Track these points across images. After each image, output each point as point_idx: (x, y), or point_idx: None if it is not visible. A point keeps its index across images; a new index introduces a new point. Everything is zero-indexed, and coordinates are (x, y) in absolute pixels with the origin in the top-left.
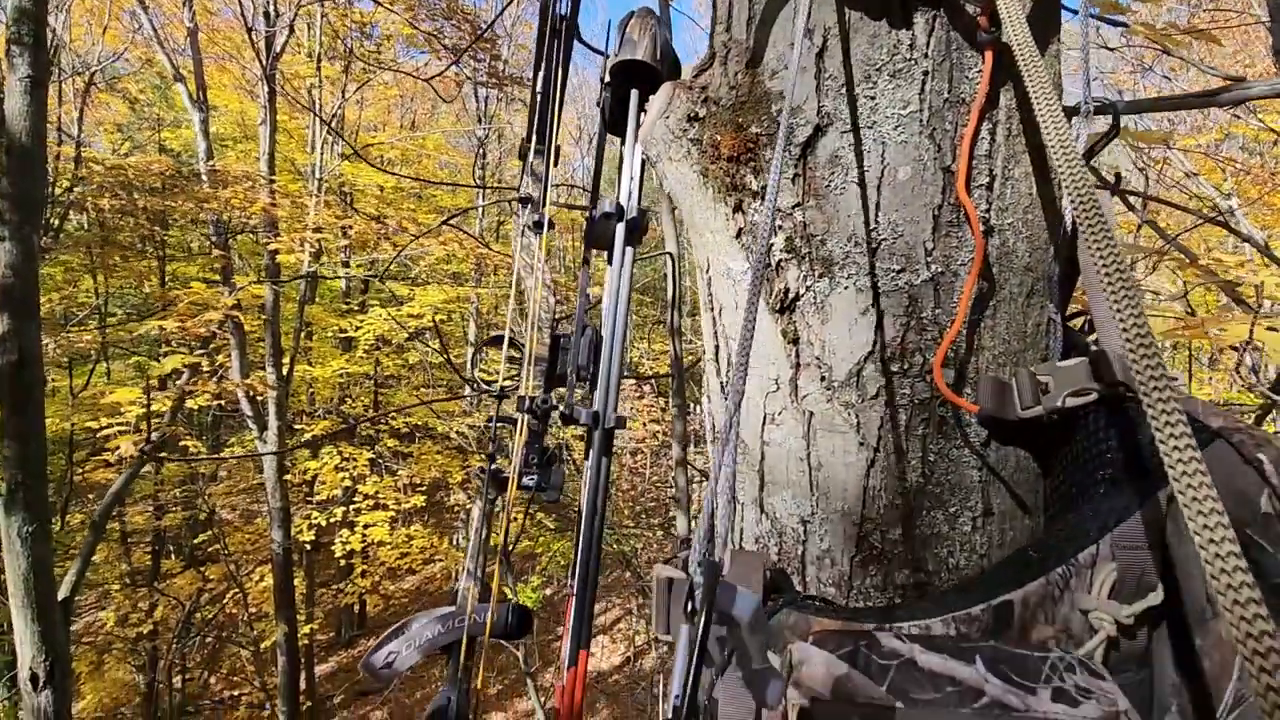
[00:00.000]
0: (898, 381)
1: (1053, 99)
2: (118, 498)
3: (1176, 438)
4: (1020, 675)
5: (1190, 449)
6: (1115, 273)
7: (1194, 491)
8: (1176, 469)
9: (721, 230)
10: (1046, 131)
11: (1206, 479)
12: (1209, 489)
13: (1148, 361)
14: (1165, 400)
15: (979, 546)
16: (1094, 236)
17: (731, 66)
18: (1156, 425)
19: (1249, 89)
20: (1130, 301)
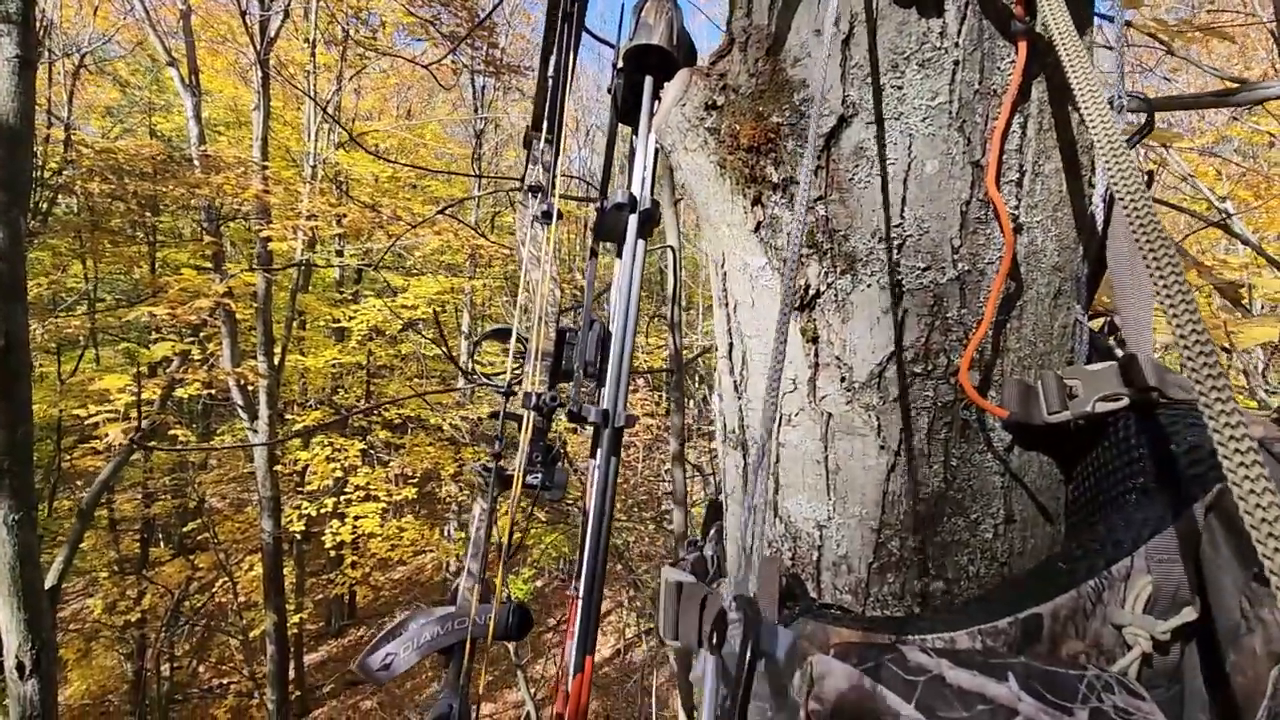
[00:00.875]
0: (920, 383)
1: (1097, 89)
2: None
3: (1241, 449)
4: (1055, 694)
5: (1256, 462)
6: (1168, 272)
7: (1262, 511)
8: (1243, 485)
9: (739, 224)
10: (1091, 121)
11: (1276, 496)
12: (1276, 500)
13: (1206, 365)
14: (1227, 407)
15: (1000, 554)
16: (1145, 231)
17: (752, 53)
18: (1218, 434)
19: (1264, 90)
20: (1185, 302)
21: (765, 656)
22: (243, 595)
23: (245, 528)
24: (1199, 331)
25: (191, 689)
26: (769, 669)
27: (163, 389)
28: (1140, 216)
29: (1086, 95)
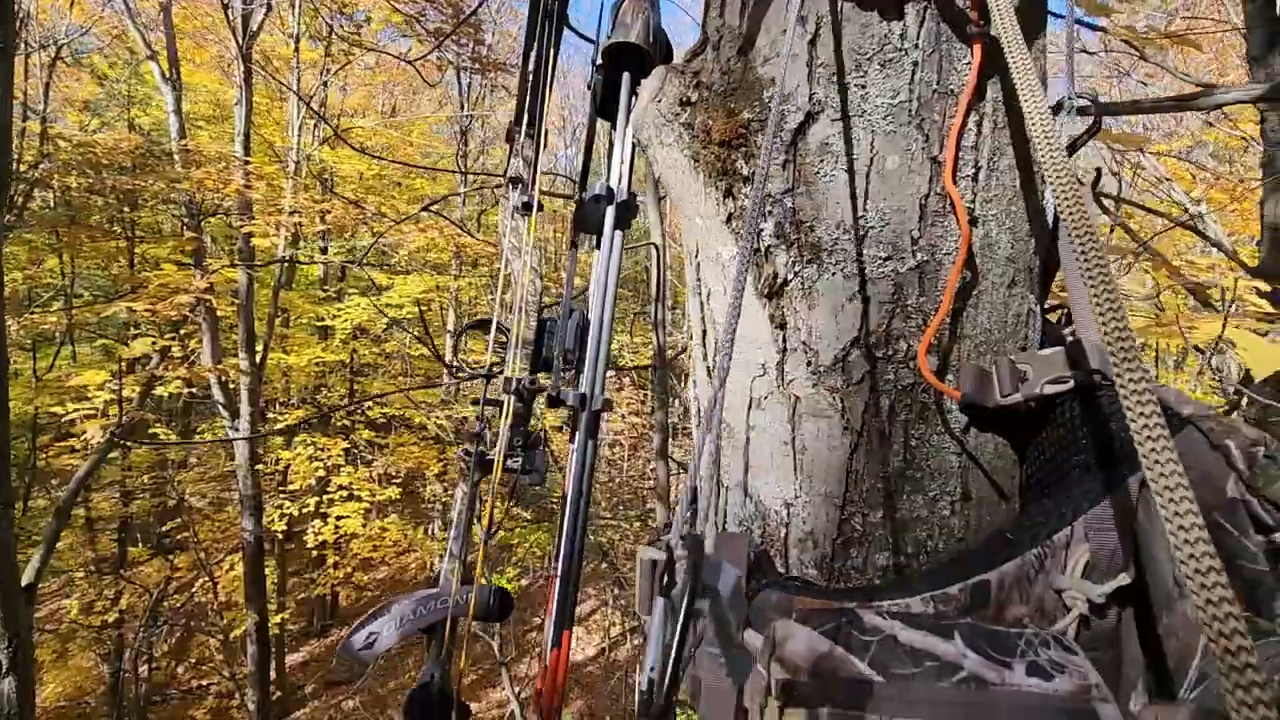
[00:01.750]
0: (882, 367)
1: (1038, 92)
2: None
3: (1150, 425)
4: (996, 650)
5: (1162, 436)
6: (1095, 264)
7: (1165, 479)
8: (1149, 456)
9: (712, 215)
10: (1031, 124)
11: (1178, 466)
12: (1180, 476)
13: (1124, 350)
14: (1140, 387)
15: (957, 530)
16: (1076, 228)
17: (724, 52)
18: (1130, 411)
19: (1223, 94)
20: (1108, 292)
21: (710, 593)
22: (223, 595)
23: (225, 527)
24: (1119, 319)
25: (170, 690)
26: (714, 611)
27: (142, 386)
28: (1072, 211)
29: (1028, 97)
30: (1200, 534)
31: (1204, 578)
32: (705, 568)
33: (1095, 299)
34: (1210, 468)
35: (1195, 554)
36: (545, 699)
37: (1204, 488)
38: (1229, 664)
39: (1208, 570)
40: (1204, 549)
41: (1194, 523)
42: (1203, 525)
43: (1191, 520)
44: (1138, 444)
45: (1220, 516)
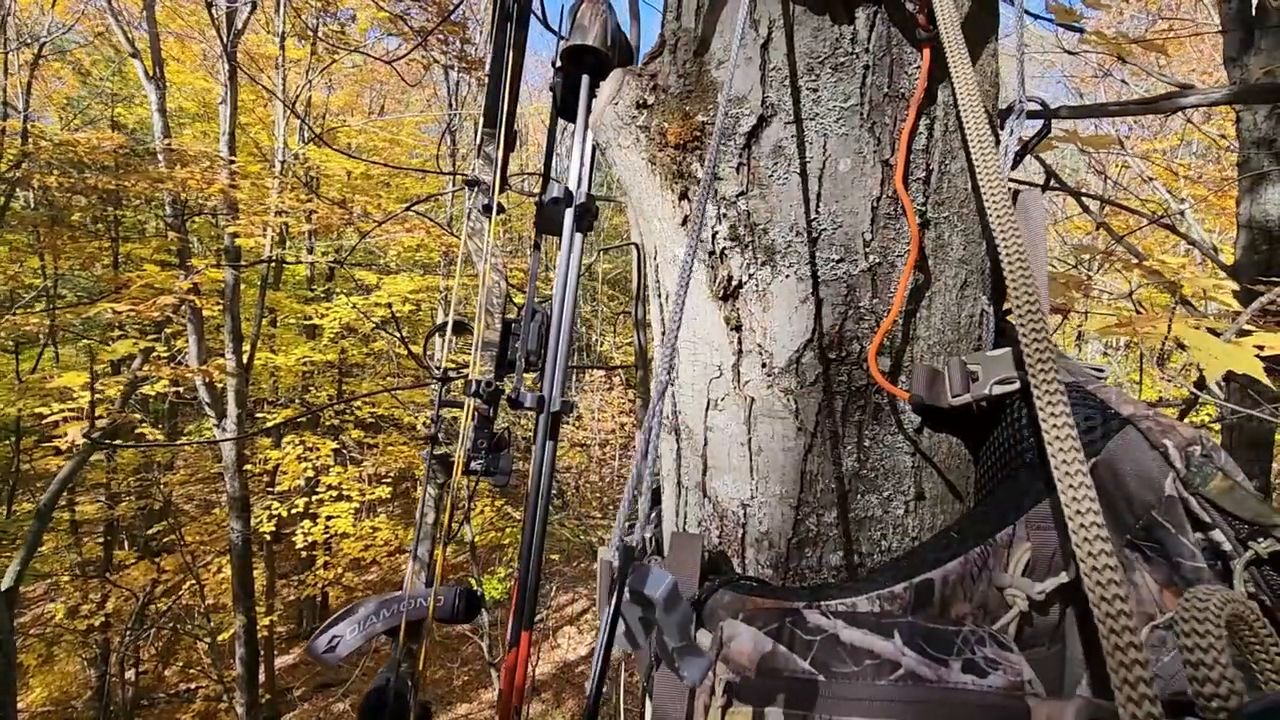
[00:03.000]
0: (835, 369)
1: (975, 97)
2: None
3: (1059, 425)
4: (934, 648)
5: (1071, 438)
6: (1019, 269)
7: (1068, 470)
8: (1057, 458)
9: (669, 217)
10: (967, 127)
11: (1083, 466)
12: (1084, 476)
13: (1040, 354)
14: (1053, 389)
15: (911, 530)
16: (1003, 231)
17: (680, 55)
18: (1042, 413)
19: (1185, 97)
20: (1029, 295)
21: (644, 602)
22: (211, 597)
23: (213, 529)
24: (1037, 320)
25: (158, 693)
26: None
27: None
28: (998, 211)
29: (966, 104)
30: (1100, 533)
31: (1100, 575)
32: (633, 575)
33: (1017, 304)
34: (1149, 467)
35: (1094, 552)
36: (503, 699)
37: (1144, 487)
38: (1118, 660)
39: (1104, 568)
40: (1103, 548)
41: (1094, 521)
42: (1102, 524)
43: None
44: (1047, 443)
45: (1159, 515)
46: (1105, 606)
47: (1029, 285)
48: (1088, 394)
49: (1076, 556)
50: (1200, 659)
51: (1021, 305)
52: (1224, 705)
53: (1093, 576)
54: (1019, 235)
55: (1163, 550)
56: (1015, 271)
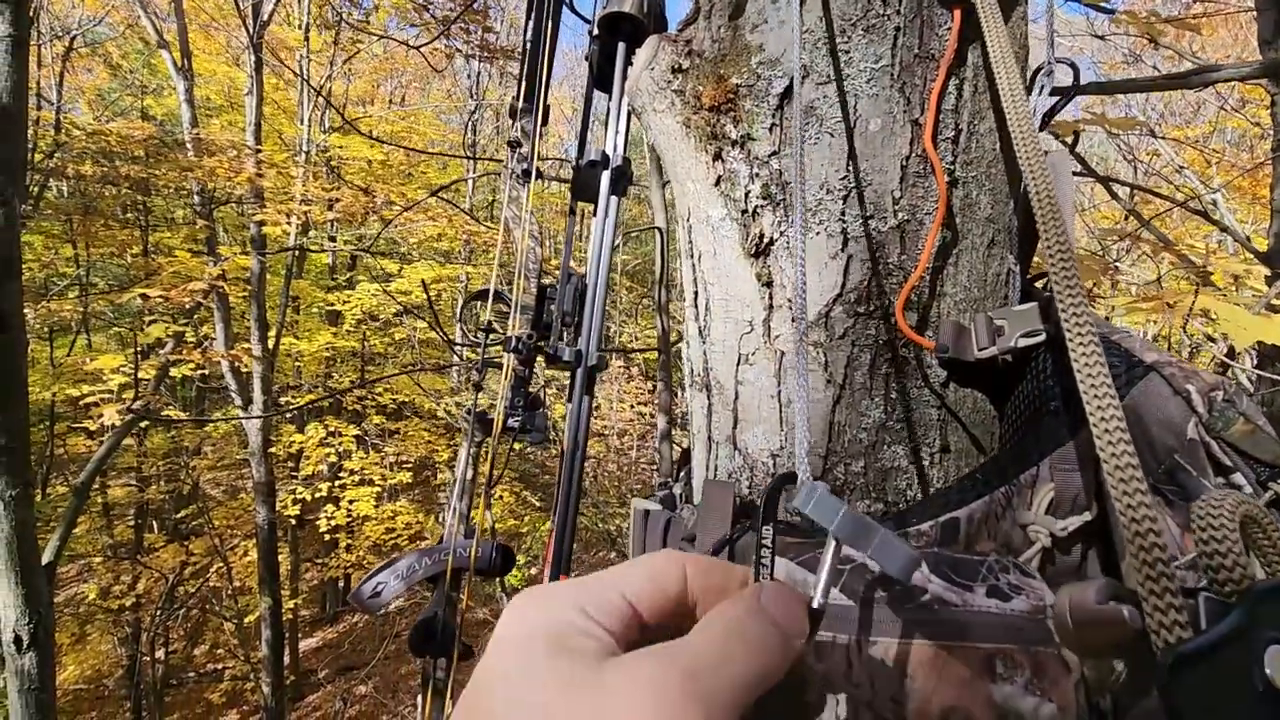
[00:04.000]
0: (863, 323)
1: (1009, 56)
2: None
3: (1090, 365)
4: (959, 576)
5: (1102, 374)
6: (1051, 217)
7: (1103, 415)
8: (1089, 392)
9: (702, 179)
10: (1002, 90)
11: (1117, 408)
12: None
13: (1072, 296)
14: (1084, 329)
15: (936, 481)
16: (1035, 180)
17: (715, 20)
18: (1075, 356)
19: (1217, 71)
20: (1061, 243)
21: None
22: (237, 580)
23: (239, 513)
24: (1069, 268)
25: (187, 673)
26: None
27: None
28: (1035, 176)
29: (1000, 64)
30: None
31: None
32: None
33: (1049, 251)
34: (1172, 412)
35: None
36: None
37: (1166, 431)
38: (1137, 543)
39: (1135, 493)
40: (1134, 475)
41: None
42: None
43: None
44: (1079, 382)
45: (1181, 458)
46: (1127, 499)
47: (1061, 234)
48: (1113, 344)
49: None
50: (1215, 549)
51: (1054, 251)
52: (1236, 587)
53: (1115, 475)
54: (1051, 186)
55: (1184, 494)
56: (1048, 219)
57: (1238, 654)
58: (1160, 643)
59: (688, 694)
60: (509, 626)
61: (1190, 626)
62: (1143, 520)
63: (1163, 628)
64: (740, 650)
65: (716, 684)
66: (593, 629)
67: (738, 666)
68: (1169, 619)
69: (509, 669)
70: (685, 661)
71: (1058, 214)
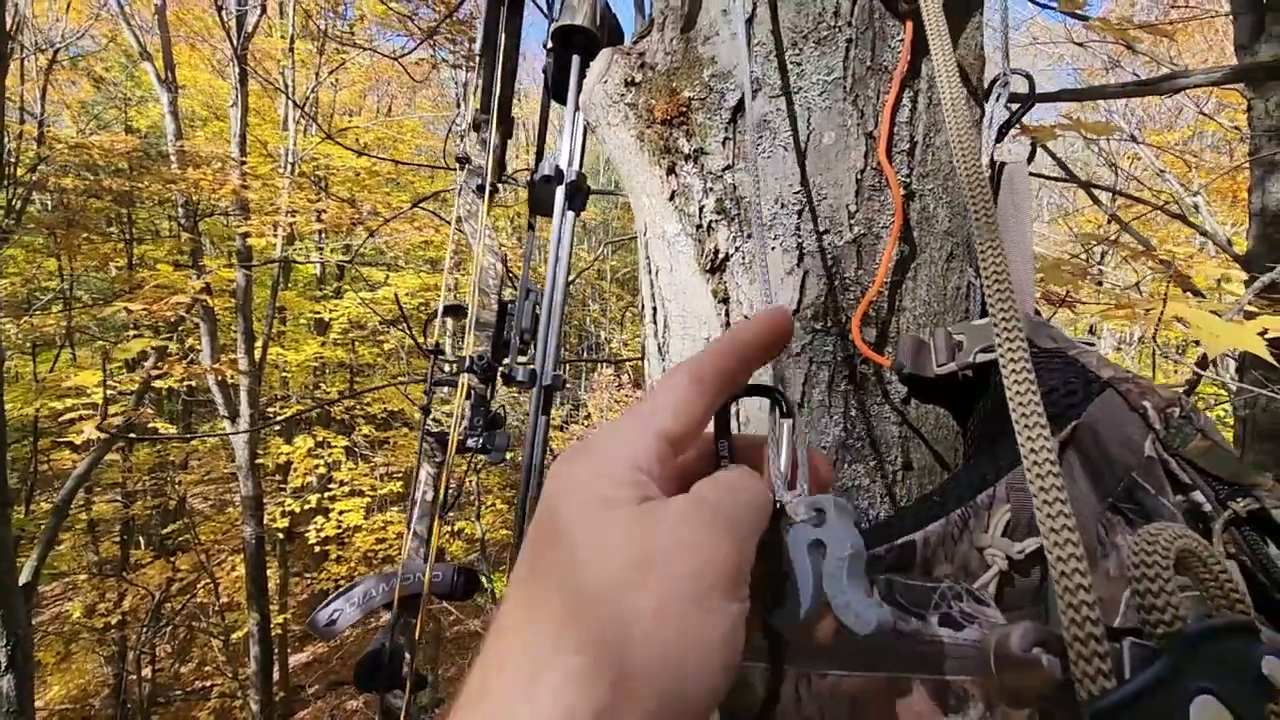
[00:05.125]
0: (820, 339)
1: (953, 72)
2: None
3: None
4: (911, 602)
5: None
6: (988, 237)
7: (1034, 448)
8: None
9: (657, 193)
10: (944, 101)
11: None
12: (1051, 456)
13: (1007, 325)
14: (1018, 356)
15: (899, 498)
16: (974, 204)
17: (668, 32)
18: (1008, 387)
19: (1188, 76)
20: (997, 264)
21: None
22: (225, 596)
23: (227, 527)
24: (1004, 288)
25: (174, 691)
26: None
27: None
28: (973, 190)
29: (943, 78)
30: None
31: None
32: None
33: (985, 272)
34: (1130, 430)
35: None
36: None
37: (1124, 449)
38: (1063, 584)
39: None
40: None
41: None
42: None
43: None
44: (1011, 409)
45: (1139, 476)
46: (1054, 537)
47: (997, 254)
48: (1070, 359)
49: (1032, 495)
50: (1147, 588)
51: (990, 273)
52: (1168, 629)
53: (1043, 509)
54: (989, 205)
55: (1143, 511)
56: (985, 240)
57: (1160, 706)
58: (1083, 693)
59: (719, 525)
60: (565, 483)
61: (1115, 675)
62: (1069, 560)
63: (1086, 677)
64: (745, 497)
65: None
66: (638, 477)
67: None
68: (1092, 668)
69: (574, 520)
70: (711, 500)
71: (995, 234)
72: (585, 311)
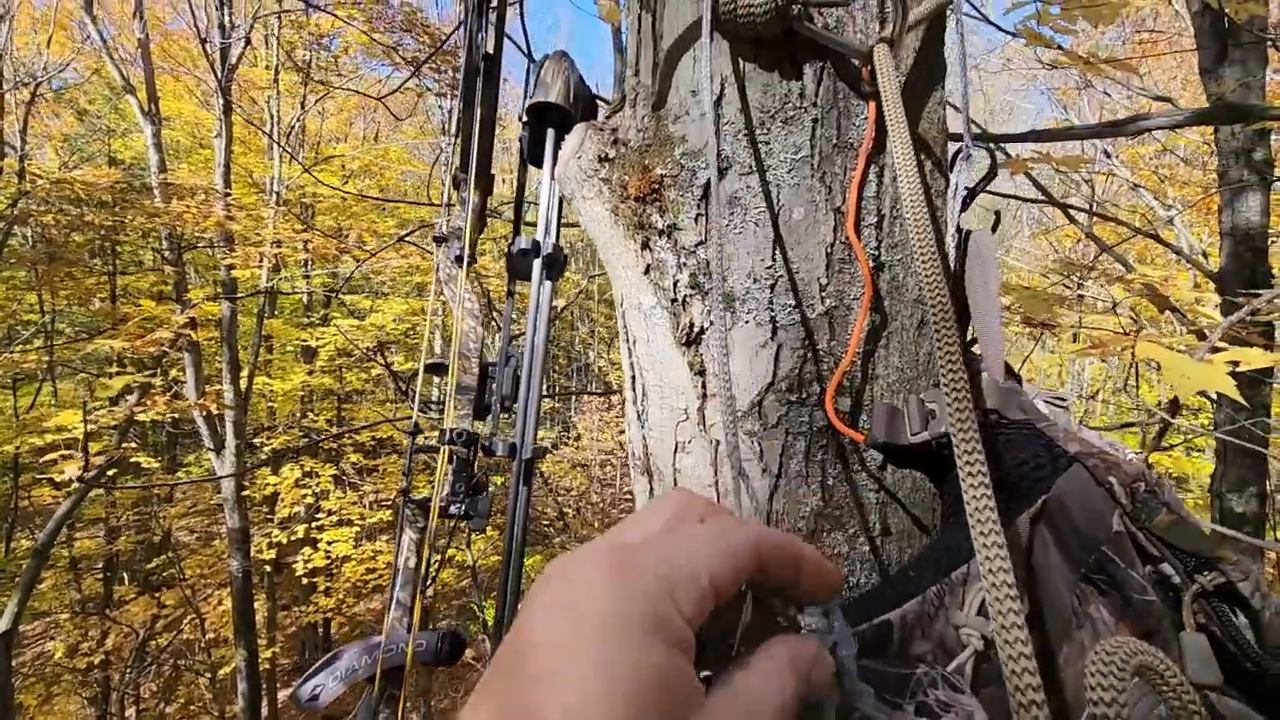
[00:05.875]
0: (796, 411)
1: (909, 158)
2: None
3: (976, 490)
4: (888, 691)
5: (984, 491)
6: (942, 321)
7: (986, 543)
8: (974, 517)
9: (632, 266)
10: (900, 184)
11: (1001, 544)
12: (1003, 556)
13: (959, 409)
14: (969, 443)
15: (879, 565)
16: (929, 282)
17: (639, 110)
18: (963, 480)
19: (1149, 120)
20: (950, 351)
21: None
22: (211, 631)
23: (213, 561)
24: (955, 368)
25: None
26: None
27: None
28: (927, 269)
29: (900, 161)
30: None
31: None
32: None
33: (940, 357)
34: (1097, 504)
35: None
36: None
37: (1093, 523)
38: (1013, 683)
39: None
40: (1009, 593)
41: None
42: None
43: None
44: (963, 493)
45: (1108, 550)
46: (1008, 649)
47: (950, 340)
48: (1037, 432)
49: (988, 601)
50: (1104, 713)
51: (944, 358)
52: None
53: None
54: (943, 290)
55: (1114, 583)
56: (939, 323)
57: None
58: None
59: None
60: (573, 596)
61: None
62: (1019, 658)
63: None
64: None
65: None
66: (677, 623)
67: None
68: None
69: (578, 658)
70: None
71: (948, 317)
72: (574, 333)
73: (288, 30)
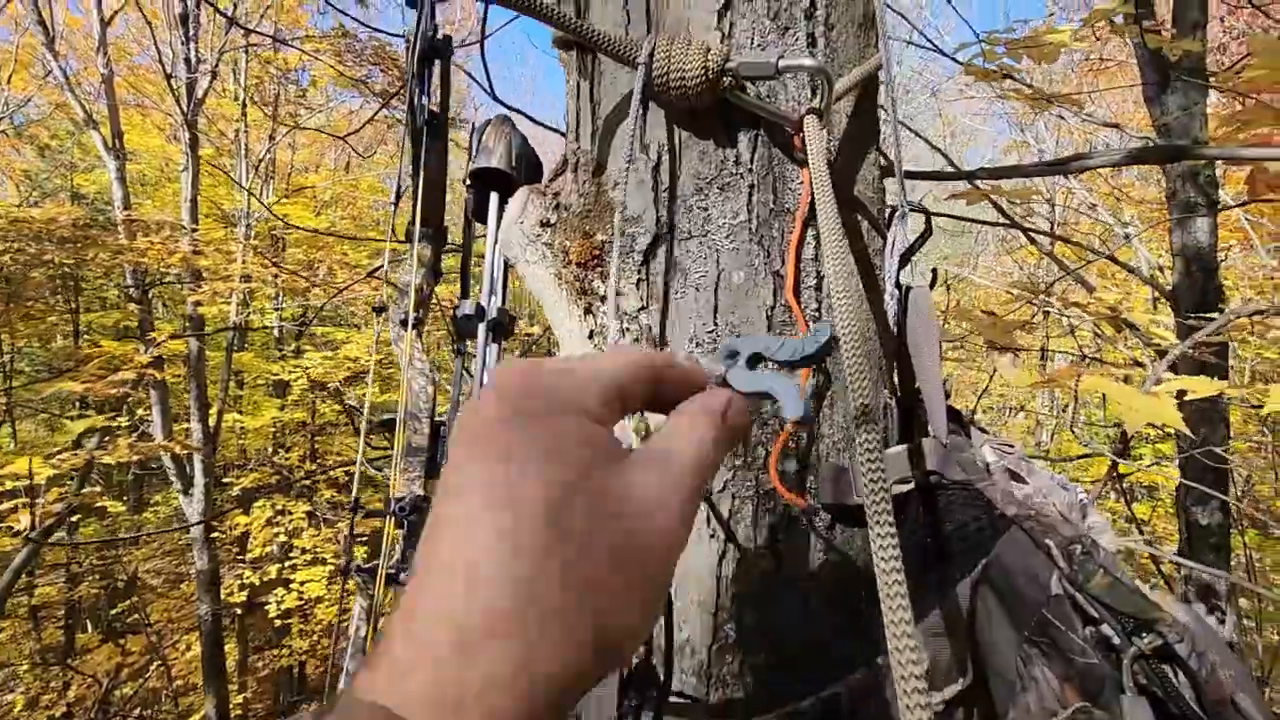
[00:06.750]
0: (742, 475)
1: (834, 224)
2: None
3: (889, 576)
4: None
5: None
6: (861, 382)
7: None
8: (887, 603)
9: (577, 330)
10: (825, 250)
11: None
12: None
13: (874, 483)
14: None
15: (831, 625)
16: (850, 346)
17: (580, 175)
18: (877, 565)
19: (1090, 159)
20: (867, 413)
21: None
22: (179, 678)
23: (181, 604)
24: (871, 443)
25: None
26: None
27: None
28: (847, 329)
29: (826, 229)
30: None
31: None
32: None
33: (857, 423)
34: (1035, 566)
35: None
36: None
37: (1032, 585)
38: None
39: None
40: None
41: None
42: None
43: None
44: (875, 565)
45: (1048, 612)
46: None
47: (867, 410)
48: (977, 493)
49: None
50: None
51: (860, 423)
52: None
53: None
54: (862, 363)
55: (1055, 646)
56: (856, 385)
57: None
58: None
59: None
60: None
61: None
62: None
63: None
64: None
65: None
66: (588, 405)
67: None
68: None
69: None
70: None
71: (864, 384)
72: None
73: (255, 65)
